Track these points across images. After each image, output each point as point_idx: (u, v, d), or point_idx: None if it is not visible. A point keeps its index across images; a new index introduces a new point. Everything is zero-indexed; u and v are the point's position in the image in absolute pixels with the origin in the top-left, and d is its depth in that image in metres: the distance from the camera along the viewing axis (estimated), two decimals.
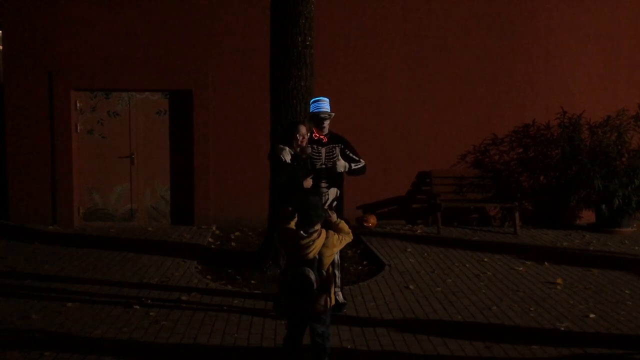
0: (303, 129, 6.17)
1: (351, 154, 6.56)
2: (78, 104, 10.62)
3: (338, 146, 6.52)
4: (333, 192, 6.50)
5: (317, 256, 4.58)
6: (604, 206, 10.21)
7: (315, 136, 6.47)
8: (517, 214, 10.29)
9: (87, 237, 9.72)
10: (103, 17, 10.43)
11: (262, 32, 9.59)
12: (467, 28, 10.77)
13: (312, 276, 4.52)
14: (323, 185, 6.43)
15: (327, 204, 6.48)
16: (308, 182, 6.12)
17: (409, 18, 10.71)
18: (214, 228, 10.43)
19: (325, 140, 6.48)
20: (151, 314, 6.21)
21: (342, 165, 6.41)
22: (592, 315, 6.27)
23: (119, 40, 10.45)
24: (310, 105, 6.70)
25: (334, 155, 6.44)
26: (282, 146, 6.21)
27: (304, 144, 6.19)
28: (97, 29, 10.44)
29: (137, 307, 6.40)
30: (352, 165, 6.49)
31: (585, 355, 5.34)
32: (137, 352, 5.32)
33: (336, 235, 4.71)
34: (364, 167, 6.60)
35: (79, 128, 10.64)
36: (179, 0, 10.50)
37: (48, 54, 10.43)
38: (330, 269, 4.72)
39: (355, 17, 10.66)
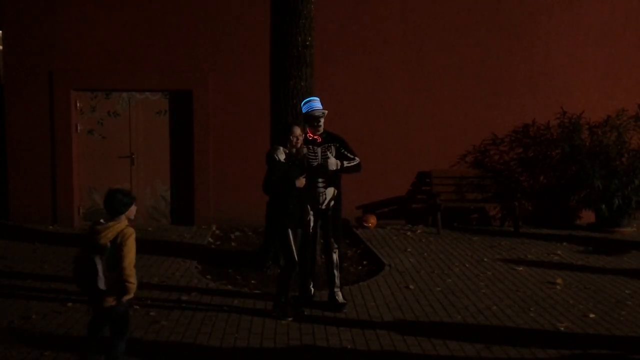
0: (297, 130, 6.18)
1: (346, 152, 6.54)
2: (78, 104, 10.62)
3: (334, 145, 6.52)
4: (330, 192, 6.50)
5: (108, 245, 4.46)
6: (603, 206, 10.21)
7: (310, 136, 6.48)
8: (517, 214, 10.29)
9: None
10: (103, 17, 10.43)
11: (262, 32, 9.59)
12: (467, 28, 10.76)
13: (99, 264, 4.44)
14: (320, 185, 6.43)
15: (324, 204, 6.48)
16: (301, 182, 6.13)
17: (408, 18, 10.71)
18: (214, 228, 10.43)
19: (319, 140, 6.49)
20: (151, 313, 6.22)
21: (333, 163, 6.38)
22: (592, 315, 6.27)
23: (119, 40, 10.45)
24: (302, 106, 6.70)
25: (342, 155, 6.46)
26: (276, 146, 6.23)
27: (299, 145, 6.20)
28: (97, 29, 10.44)
29: (137, 307, 6.39)
30: (345, 163, 6.46)
31: (585, 356, 5.34)
32: (137, 351, 5.32)
33: (133, 237, 4.54)
34: (358, 164, 6.57)
35: (79, 128, 10.64)
36: (179, 1, 10.50)
37: (48, 54, 10.43)
38: (128, 269, 4.50)
39: (355, 17, 10.66)
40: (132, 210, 4.63)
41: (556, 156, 10.86)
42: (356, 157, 6.57)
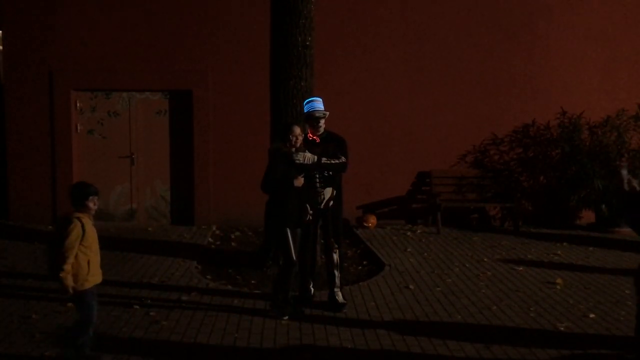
0: (297, 130, 6.18)
1: (337, 151, 6.47)
2: (78, 104, 10.62)
3: (331, 145, 6.50)
4: (328, 192, 6.49)
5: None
6: (603, 206, 10.21)
7: (309, 137, 6.48)
8: (517, 214, 10.29)
9: None
10: (103, 17, 10.43)
11: (262, 32, 9.59)
12: (467, 28, 10.76)
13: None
14: (318, 184, 6.42)
15: (322, 204, 6.48)
16: (299, 181, 6.12)
17: (409, 18, 10.71)
18: (214, 228, 10.43)
19: (318, 141, 6.48)
20: (151, 313, 6.22)
21: (304, 157, 6.23)
22: (592, 315, 6.27)
23: (119, 40, 10.45)
24: (304, 106, 6.70)
25: (331, 154, 6.44)
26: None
27: (298, 144, 6.19)
28: (97, 29, 10.44)
29: (137, 307, 6.40)
30: (324, 159, 6.32)
31: (585, 355, 5.34)
32: (137, 351, 5.32)
33: (76, 233, 4.79)
34: (340, 164, 6.39)
35: (79, 128, 10.64)
36: (179, 1, 10.50)
37: (48, 53, 10.43)
38: (60, 256, 4.77)
39: (355, 17, 10.66)
40: (90, 204, 4.89)
41: (556, 156, 10.86)
42: (342, 158, 6.44)
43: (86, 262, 4.86)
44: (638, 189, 3.90)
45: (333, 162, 6.38)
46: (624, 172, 3.92)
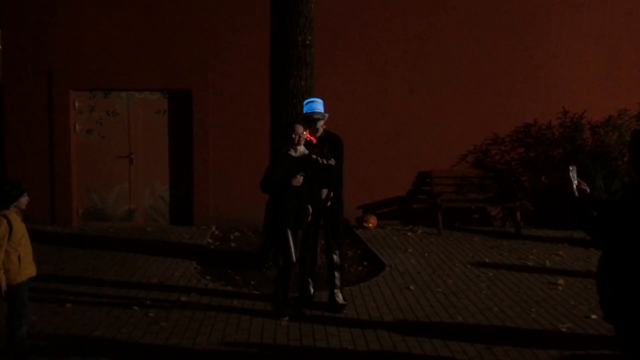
0: (299, 128, 6.15)
1: (330, 152, 6.39)
2: (77, 104, 10.59)
3: (326, 145, 6.46)
4: (324, 193, 6.46)
5: None
6: None
7: (307, 137, 6.46)
8: (518, 214, 10.26)
9: (85, 237, 9.68)
10: (103, 17, 10.40)
11: (262, 32, 9.57)
12: (467, 28, 10.73)
13: None
14: (314, 185, 6.39)
15: (319, 204, 6.45)
16: (297, 180, 6.09)
17: (409, 18, 10.68)
18: (213, 228, 10.40)
19: (314, 142, 6.46)
20: (150, 314, 6.19)
21: (297, 149, 6.12)
22: (593, 316, 6.23)
23: (118, 39, 10.42)
24: (304, 106, 6.67)
25: (324, 155, 6.40)
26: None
27: (301, 142, 6.17)
28: (96, 29, 10.41)
29: (136, 307, 6.37)
30: (313, 156, 6.18)
31: (587, 356, 5.33)
32: (136, 352, 5.29)
33: (2, 230, 4.82)
34: (326, 164, 6.25)
35: (77, 128, 10.60)
36: (179, 0, 10.47)
37: (47, 53, 10.40)
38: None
39: (355, 17, 10.63)
40: (24, 200, 4.98)
41: (558, 156, 10.82)
42: (332, 160, 6.32)
43: (16, 257, 4.93)
44: (588, 191, 3.90)
45: (320, 160, 6.29)
46: (573, 174, 3.90)
